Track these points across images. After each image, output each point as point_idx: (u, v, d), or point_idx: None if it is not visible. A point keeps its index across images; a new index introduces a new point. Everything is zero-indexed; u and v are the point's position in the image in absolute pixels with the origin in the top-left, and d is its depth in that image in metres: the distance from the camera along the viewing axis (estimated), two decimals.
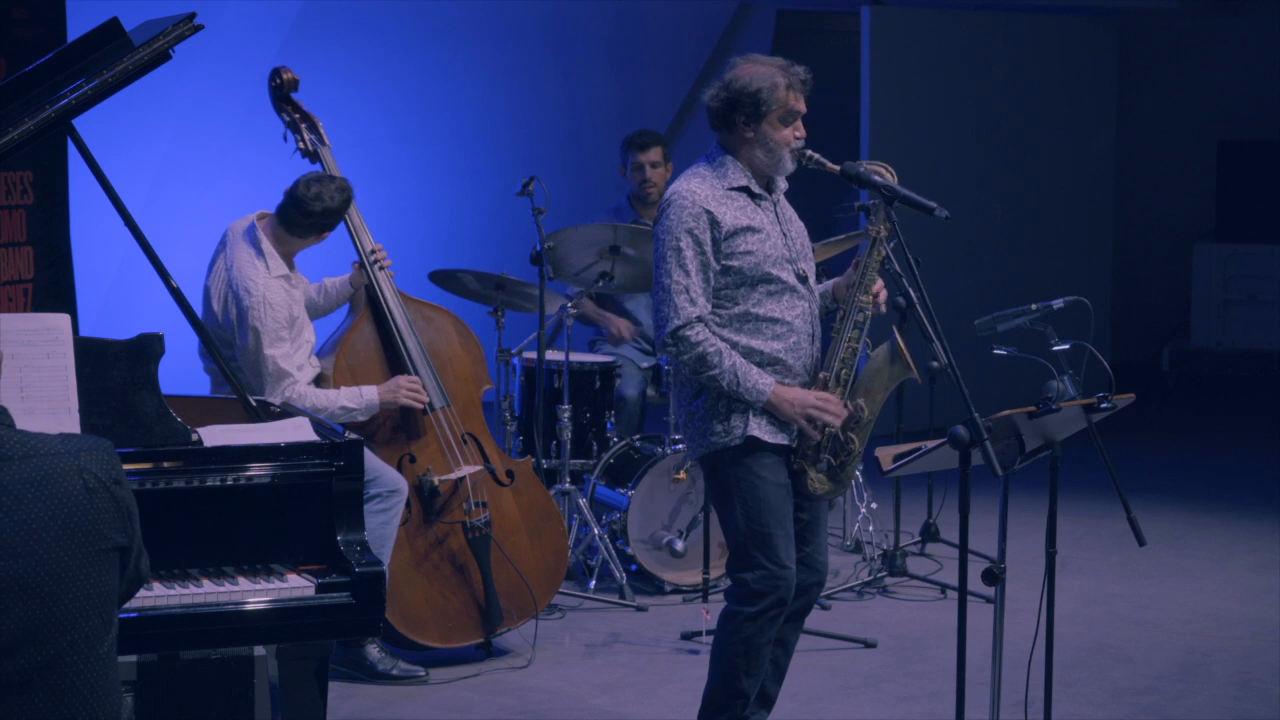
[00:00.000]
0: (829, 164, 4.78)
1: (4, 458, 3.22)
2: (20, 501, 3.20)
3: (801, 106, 4.80)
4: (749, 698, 4.86)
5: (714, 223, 4.71)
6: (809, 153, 4.80)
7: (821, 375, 4.78)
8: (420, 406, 5.87)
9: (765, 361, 4.75)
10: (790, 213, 4.93)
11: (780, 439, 4.76)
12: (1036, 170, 10.91)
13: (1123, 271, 11.68)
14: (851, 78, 10.36)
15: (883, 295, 4.85)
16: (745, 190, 4.78)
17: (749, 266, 4.73)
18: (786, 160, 4.80)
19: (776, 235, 4.80)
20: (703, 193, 4.74)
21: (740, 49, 11.40)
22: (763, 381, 4.70)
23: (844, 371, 4.78)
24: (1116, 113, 11.39)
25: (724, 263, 4.73)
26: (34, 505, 3.20)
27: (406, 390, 5.81)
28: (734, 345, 4.73)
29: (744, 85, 4.75)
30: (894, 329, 4.81)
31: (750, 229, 4.74)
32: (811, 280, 4.88)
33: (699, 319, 4.70)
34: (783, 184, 4.91)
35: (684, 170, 4.92)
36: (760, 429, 4.73)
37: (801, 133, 4.81)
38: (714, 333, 4.73)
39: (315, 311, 6.04)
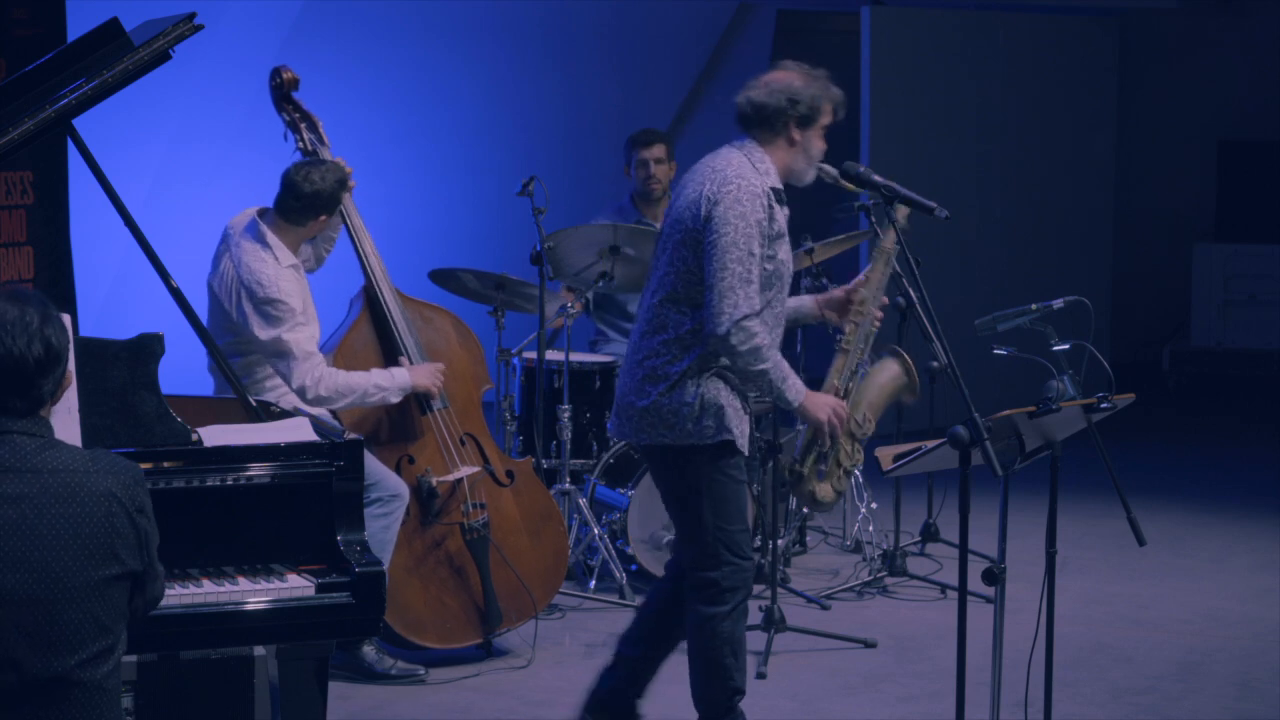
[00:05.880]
0: (834, 172, 4.86)
1: (33, 470, 3.22)
2: (41, 515, 3.19)
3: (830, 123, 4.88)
4: (744, 691, 4.89)
5: (772, 219, 4.72)
6: (824, 165, 4.87)
7: (834, 384, 4.80)
8: (435, 393, 5.86)
9: None
10: None
11: (745, 447, 4.79)
12: (1036, 170, 10.90)
13: (1123, 271, 11.67)
14: (851, 78, 10.34)
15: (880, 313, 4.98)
16: (779, 195, 4.81)
17: (780, 271, 4.75)
18: (811, 171, 4.85)
19: (789, 245, 4.85)
20: (764, 189, 4.72)
21: (740, 49, 11.44)
22: (799, 382, 4.74)
23: (850, 384, 4.81)
24: (1116, 113, 11.38)
25: (764, 263, 4.73)
26: (54, 520, 3.19)
27: (436, 376, 5.81)
28: None
29: (799, 90, 4.77)
30: (897, 347, 4.85)
31: (783, 235, 4.77)
32: None
33: (757, 313, 4.70)
34: None
35: (688, 164, 4.91)
36: (735, 432, 4.75)
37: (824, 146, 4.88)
38: None
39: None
